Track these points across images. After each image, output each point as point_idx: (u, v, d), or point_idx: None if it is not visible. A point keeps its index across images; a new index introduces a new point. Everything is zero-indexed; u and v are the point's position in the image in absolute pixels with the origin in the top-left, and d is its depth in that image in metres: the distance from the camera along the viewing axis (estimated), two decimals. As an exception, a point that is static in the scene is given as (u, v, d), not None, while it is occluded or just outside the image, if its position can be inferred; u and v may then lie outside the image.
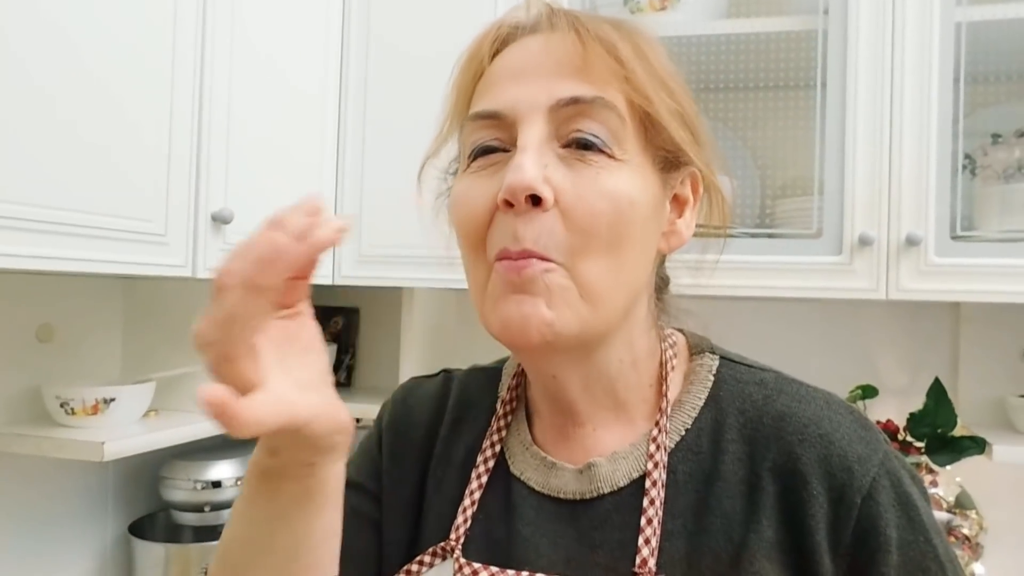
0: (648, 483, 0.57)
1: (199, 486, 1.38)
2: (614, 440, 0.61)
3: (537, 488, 0.61)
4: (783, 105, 1.45)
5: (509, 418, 0.66)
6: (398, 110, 1.40)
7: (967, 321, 1.45)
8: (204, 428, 1.29)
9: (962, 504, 1.34)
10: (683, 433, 0.60)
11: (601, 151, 0.54)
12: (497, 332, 0.55)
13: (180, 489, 1.38)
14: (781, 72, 1.39)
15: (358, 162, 1.41)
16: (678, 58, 1.50)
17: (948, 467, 1.33)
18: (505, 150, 0.56)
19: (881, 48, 1.21)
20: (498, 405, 0.67)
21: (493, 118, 0.56)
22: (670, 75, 0.60)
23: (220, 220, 1.11)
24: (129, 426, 1.21)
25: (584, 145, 0.54)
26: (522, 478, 0.62)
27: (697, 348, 0.65)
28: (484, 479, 0.63)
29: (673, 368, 0.63)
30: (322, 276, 1.40)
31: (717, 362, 0.63)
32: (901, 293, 1.17)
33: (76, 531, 1.35)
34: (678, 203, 0.62)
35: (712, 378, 0.62)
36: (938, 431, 1.32)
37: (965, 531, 1.31)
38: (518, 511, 0.60)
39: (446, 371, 0.75)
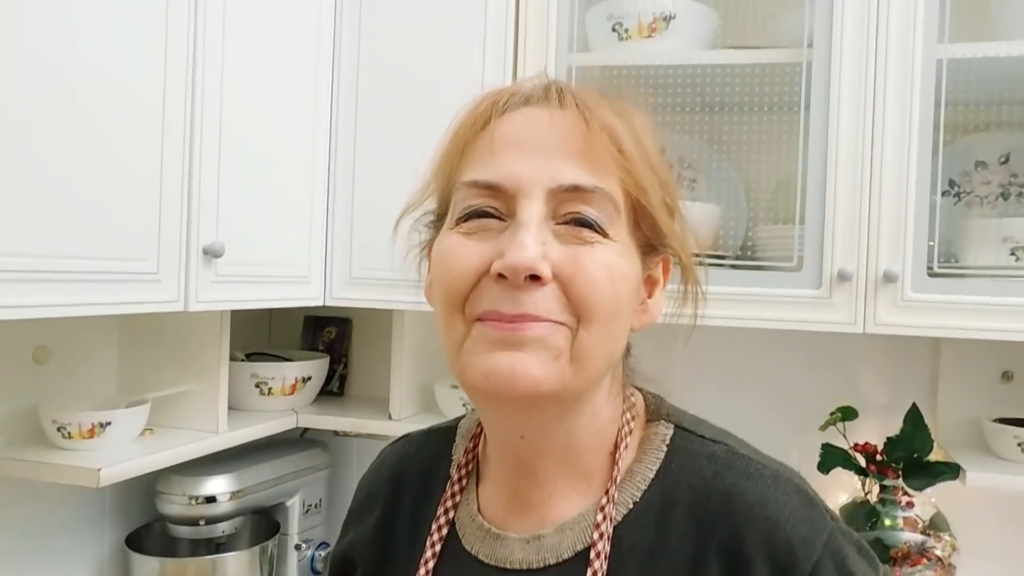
0: (592, 554, 0.59)
1: (194, 501, 1.42)
2: (568, 507, 0.62)
3: (485, 560, 0.63)
4: (767, 130, 1.47)
5: (464, 482, 0.68)
6: (386, 141, 1.42)
7: (948, 343, 1.48)
8: (197, 447, 1.33)
9: (936, 526, 1.37)
10: (631, 506, 0.61)
11: (595, 230, 0.57)
12: (478, 382, 0.55)
13: (175, 504, 1.42)
14: (765, 100, 1.41)
15: (348, 188, 1.43)
16: (665, 84, 1.50)
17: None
18: (499, 217, 0.57)
19: (863, 83, 1.23)
20: (452, 469, 0.69)
21: (492, 189, 0.57)
22: (660, 163, 0.62)
23: (212, 254, 1.13)
24: (125, 446, 1.24)
25: (580, 223, 0.56)
26: (472, 551, 0.64)
27: (654, 414, 0.66)
28: (438, 547, 0.65)
29: (630, 433, 0.64)
30: (313, 298, 1.43)
31: (671, 431, 0.64)
32: (878, 327, 1.20)
33: (73, 544, 1.39)
34: (650, 283, 0.64)
35: (665, 448, 0.63)
36: (914, 456, 1.35)
37: (938, 552, 1.35)
38: None
39: (406, 436, 0.78)
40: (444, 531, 0.66)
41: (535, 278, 0.54)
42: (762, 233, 1.42)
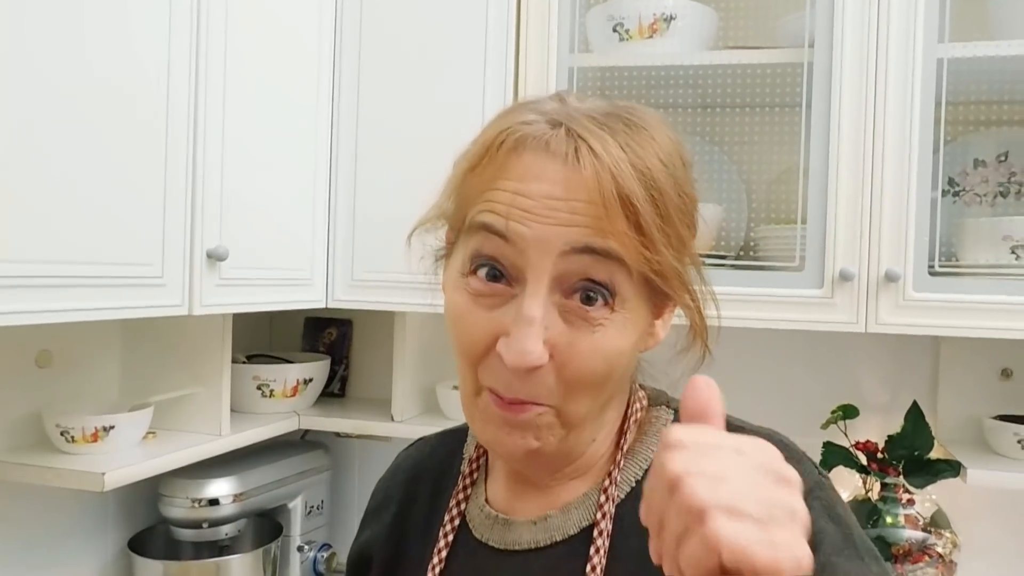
0: (595, 532, 0.62)
1: (197, 504, 1.42)
2: (573, 488, 0.66)
3: (496, 546, 0.66)
4: (768, 129, 1.47)
5: (476, 475, 0.71)
6: (387, 143, 1.42)
7: (948, 341, 1.48)
8: (200, 451, 1.33)
9: (937, 523, 1.38)
10: (633, 484, 0.64)
11: (604, 302, 0.57)
12: (486, 443, 0.64)
13: (178, 507, 1.42)
14: (766, 100, 1.41)
15: (350, 193, 1.44)
16: (665, 84, 1.49)
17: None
18: (508, 284, 0.57)
19: (864, 83, 1.23)
20: (463, 465, 0.72)
21: (503, 238, 0.56)
22: (684, 202, 0.59)
23: (215, 257, 1.13)
24: (128, 451, 1.24)
25: (587, 299, 0.56)
26: (482, 539, 0.67)
27: (655, 401, 0.70)
28: (451, 537, 0.68)
29: (635, 421, 0.67)
30: (316, 300, 1.43)
31: (672, 415, 0.68)
32: (880, 327, 1.21)
33: (77, 548, 1.39)
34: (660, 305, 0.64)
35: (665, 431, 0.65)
36: (915, 454, 1.36)
37: (939, 549, 1.36)
38: (480, 571, 0.66)
39: (421, 439, 0.81)
40: (456, 522, 0.69)
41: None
42: (763, 233, 1.42)
